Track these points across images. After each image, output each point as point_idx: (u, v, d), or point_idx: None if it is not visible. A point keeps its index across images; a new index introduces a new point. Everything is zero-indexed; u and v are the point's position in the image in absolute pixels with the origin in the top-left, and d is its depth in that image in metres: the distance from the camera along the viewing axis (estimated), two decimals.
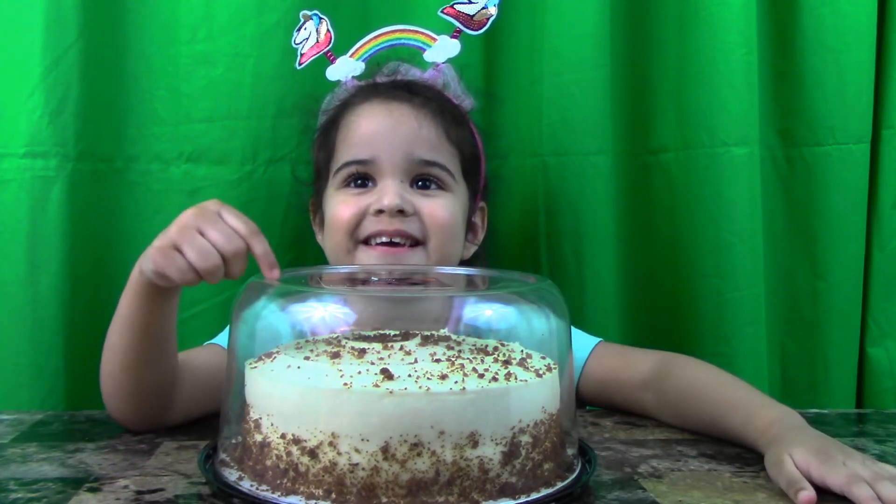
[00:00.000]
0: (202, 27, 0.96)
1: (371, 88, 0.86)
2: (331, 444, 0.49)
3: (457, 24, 0.89)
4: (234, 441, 0.59)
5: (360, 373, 0.51)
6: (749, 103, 0.98)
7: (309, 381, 0.51)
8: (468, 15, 0.89)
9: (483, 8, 0.89)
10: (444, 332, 0.62)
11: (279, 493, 0.51)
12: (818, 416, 0.83)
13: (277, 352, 0.58)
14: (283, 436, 0.51)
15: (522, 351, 0.58)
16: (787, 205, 1.04)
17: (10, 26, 0.92)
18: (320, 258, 0.97)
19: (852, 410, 1.01)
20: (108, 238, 0.96)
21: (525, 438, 0.52)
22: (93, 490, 0.57)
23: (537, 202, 1.02)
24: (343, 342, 0.57)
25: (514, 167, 1.02)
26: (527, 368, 0.55)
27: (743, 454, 0.68)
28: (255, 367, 0.56)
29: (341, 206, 0.82)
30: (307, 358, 0.54)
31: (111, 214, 0.96)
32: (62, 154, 0.92)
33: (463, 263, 0.88)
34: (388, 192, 0.79)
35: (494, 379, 0.52)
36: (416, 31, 0.90)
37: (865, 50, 1.00)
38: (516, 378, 0.53)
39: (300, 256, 0.99)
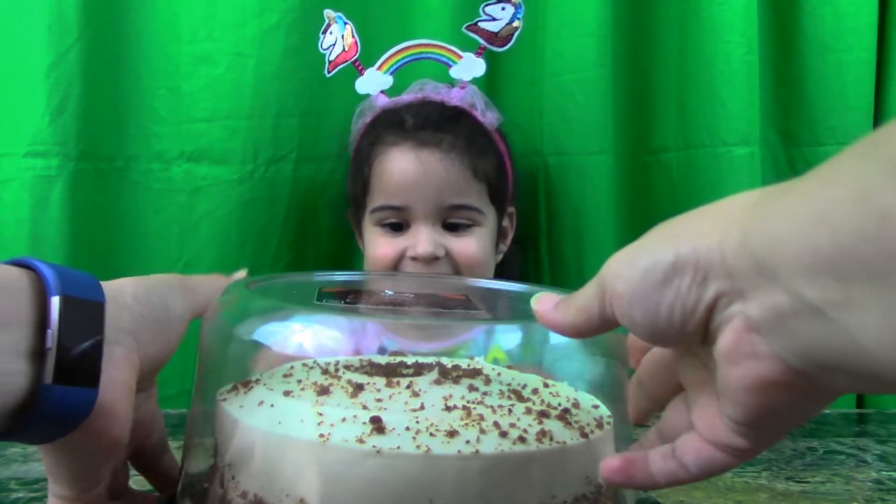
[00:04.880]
0: (203, 27, 0.96)
1: (400, 128, 0.89)
2: None
3: (481, 41, 0.90)
4: (201, 487, 0.44)
5: (344, 420, 0.38)
6: (750, 103, 0.98)
7: (279, 426, 0.39)
8: (492, 32, 0.89)
9: (508, 23, 0.89)
10: (479, 359, 0.49)
11: None
12: (819, 416, 0.83)
13: (257, 380, 0.44)
14: (243, 495, 0.39)
15: (569, 398, 0.44)
16: None
17: (12, 26, 0.92)
18: (321, 258, 0.97)
19: (853, 410, 1.01)
20: (110, 237, 0.96)
21: None
22: None
23: (538, 202, 1.02)
24: (341, 373, 0.45)
25: (516, 165, 1.03)
26: (569, 424, 0.41)
27: None
28: (225, 400, 0.43)
29: (381, 247, 0.88)
30: (288, 393, 0.41)
31: (112, 214, 0.97)
32: (63, 153, 0.92)
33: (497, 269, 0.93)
34: (422, 240, 0.86)
35: (521, 439, 0.38)
36: (443, 47, 0.90)
37: (866, 50, 1.01)
38: (551, 438, 0.39)
39: (300, 256, 0.99)
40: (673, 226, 0.32)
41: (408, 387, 0.42)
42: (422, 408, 0.39)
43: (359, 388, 0.41)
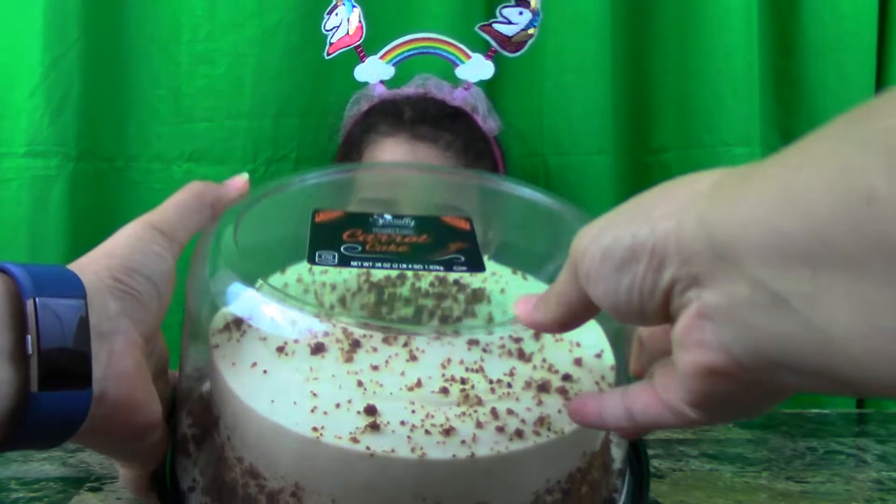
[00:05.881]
0: (203, 27, 0.96)
1: (397, 119, 0.86)
2: (294, 494, 0.38)
3: (493, 43, 0.87)
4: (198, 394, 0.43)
5: (338, 406, 0.37)
6: (750, 103, 0.98)
7: (272, 406, 0.37)
8: (506, 36, 0.86)
9: (523, 29, 0.86)
10: (489, 274, 0.43)
11: None
12: (819, 416, 0.83)
13: (249, 320, 0.41)
14: (239, 459, 0.38)
15: (572, 345, 0.42)
16: None
17: (11, 26, 0.92)
18: None
19: (853, 410, 1.01)
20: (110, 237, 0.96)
21: (553, 496, 0.39)
22: (94, 490, 0.57)
23: None
24: (335, 320, 0.41)
25: (515, 166, 1.03)
26: (569, 400, 0.39)
27: (745, 454, 0.68)
28: (218, 347, 0.41)
29: None
30: (282, 349, 0.39)
31: (112, 214, 0.97)
32: (63, 153, 0.92)
33: None
34: None
35: (518, 433, 0.37)
36: (452, 44, 0.87)
37: (866, 50, 1.01)
38: (549, 428, 0.37)
39: None
40: (644, 200, 0.30)
41: (405, 345, 0.40)
42: (419, 384, 0.38)
43: (355, 345, 0.40)
